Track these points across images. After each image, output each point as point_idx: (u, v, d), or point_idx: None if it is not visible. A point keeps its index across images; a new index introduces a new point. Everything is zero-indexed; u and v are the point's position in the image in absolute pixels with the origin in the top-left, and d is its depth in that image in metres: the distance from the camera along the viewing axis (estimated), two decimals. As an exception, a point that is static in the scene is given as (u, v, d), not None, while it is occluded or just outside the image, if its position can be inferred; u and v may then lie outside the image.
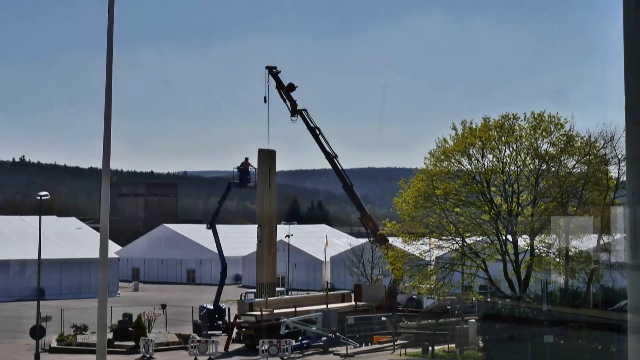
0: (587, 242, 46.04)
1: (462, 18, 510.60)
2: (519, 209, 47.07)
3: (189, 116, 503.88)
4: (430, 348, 46.67)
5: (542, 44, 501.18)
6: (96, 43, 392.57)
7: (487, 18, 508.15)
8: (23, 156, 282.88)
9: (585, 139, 46.75)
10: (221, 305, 59.41)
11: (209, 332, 52.80)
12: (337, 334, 49.23)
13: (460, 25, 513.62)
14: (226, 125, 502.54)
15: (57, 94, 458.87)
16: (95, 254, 29.06)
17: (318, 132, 62.64)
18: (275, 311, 51.95)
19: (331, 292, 65.49)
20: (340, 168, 63.52)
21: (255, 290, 63.84)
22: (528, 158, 47.49)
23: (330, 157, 62.81)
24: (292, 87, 62.68)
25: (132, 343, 48.64)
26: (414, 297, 59.92)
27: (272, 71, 62.65)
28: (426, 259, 51.25)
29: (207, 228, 63.26)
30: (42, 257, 46.81)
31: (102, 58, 18.40)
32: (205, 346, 45.48)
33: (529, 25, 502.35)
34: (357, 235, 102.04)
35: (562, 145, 47.06)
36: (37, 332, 44.62)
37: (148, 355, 46.41)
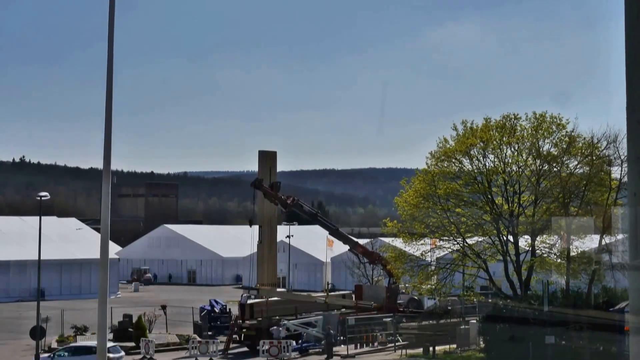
0: (589, 243, 45.93)
1: (463, 18, 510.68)
2: (521, 210, 46.96)
3: (189, 117, 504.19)
4: (431, 349, 46.66)
5: (545, 44, 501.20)
6: (97, 43, 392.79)
7: (488, 17, 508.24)
8: (23, 156, 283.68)
9: (587, 139, 46.60)
10: (222, 304, 59.37)
11: (209, 333, 52.78)
12: (338, 335, 49.14)
13: (461, 25, 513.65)
14: (226, 126, 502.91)
15: (57, 94, 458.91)
16: (95, 254, 29.05)
17: (318, 214, 63.31)
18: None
19: (332, 293, 65.42)
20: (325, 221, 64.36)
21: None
22: (530, 158, 47.35)
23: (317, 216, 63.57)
24: (276, 186, 59.74)
25: (132, 344, 48.63)
26: (415, 297, 59.88)
27: (257, 186, 58.89)
28: (427, 259, 51.15)
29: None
30: (42, 257, 46.82)
31: (103, 58, 18.37)
32: (205, 347, 45.46)
33: (531, 25, 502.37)
34: (358, 235, 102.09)
35: (564, 146, 46.89)
36: (37, 332, 44.56)
37: (148, 356, 46.39)
